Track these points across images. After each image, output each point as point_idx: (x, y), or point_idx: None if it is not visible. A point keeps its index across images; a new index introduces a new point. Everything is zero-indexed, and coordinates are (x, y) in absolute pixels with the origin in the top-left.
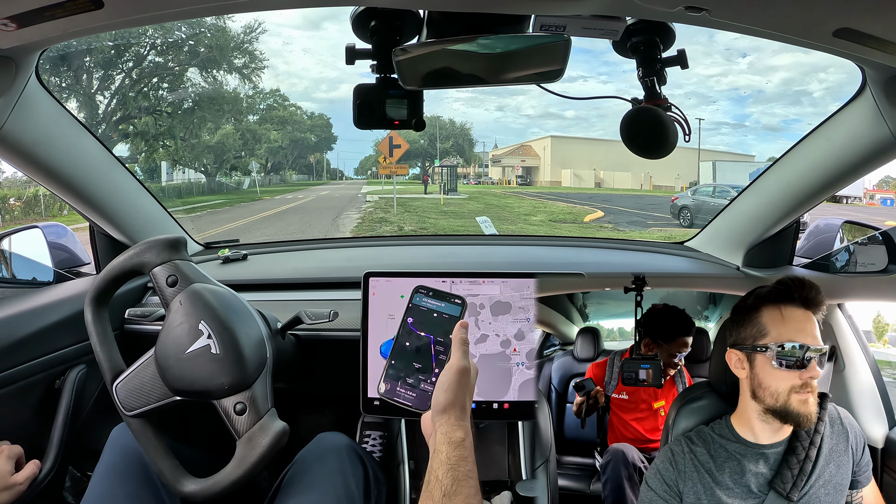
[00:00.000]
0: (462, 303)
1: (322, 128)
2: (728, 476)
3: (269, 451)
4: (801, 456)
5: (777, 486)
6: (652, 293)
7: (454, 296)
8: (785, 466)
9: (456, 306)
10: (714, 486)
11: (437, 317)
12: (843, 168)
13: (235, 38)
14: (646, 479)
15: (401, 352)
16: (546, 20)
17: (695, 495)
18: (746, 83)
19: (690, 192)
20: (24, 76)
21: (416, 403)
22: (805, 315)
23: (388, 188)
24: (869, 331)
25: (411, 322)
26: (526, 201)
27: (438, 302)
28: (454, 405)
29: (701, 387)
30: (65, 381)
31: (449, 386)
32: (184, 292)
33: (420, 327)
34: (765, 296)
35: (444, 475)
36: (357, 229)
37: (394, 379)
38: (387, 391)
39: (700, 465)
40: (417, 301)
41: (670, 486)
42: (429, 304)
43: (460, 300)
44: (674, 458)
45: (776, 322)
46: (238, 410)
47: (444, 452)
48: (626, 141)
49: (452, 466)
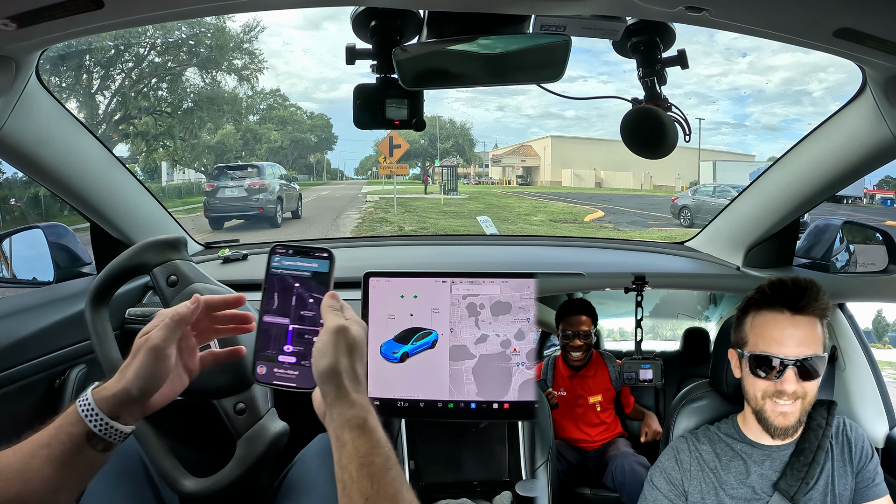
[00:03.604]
0: (329, 256)
1: (322, 128)
2: (733, 476)
3: (268, 451)
4: (809, 459)
5: (782, 487)
6: (652, 293)
7: (319, 249)
8: (791, 469)
9: (323, 261)
10: (718, 486)
11: (303, 278)
12: (843, 168)
13: (235, 38)
14: (650, 477)
15: (268, 327)
16: (546, 20)
17: (699, 494)
18: (746, 83)
19: (690, 192)
20: (24, 76)
21: (299, 382)
22: (790, 320)
23: (389, 188)
24: (869, 331)
25: (274, 290)
26: (526, 201)
27: (301, 261)
28: (336, 371)
29: (701, 387)
30: (65, 381)
31: (325, 348)
32: (184, 292)
33: (284, 295)
34: (748, 301)
35: (357, 473)
36: (357, 229)
37: (268, 359)
38: (264, 375)
39: (705, 464)
40: (276, 265)
41: (675, 486)
42: (290, 266)
43: (327, 253)
44: (679, 457)
45: (754, 329)
46: (238, 410)
47: (349, 443)
48: (627, 141)
49: (364, 462)
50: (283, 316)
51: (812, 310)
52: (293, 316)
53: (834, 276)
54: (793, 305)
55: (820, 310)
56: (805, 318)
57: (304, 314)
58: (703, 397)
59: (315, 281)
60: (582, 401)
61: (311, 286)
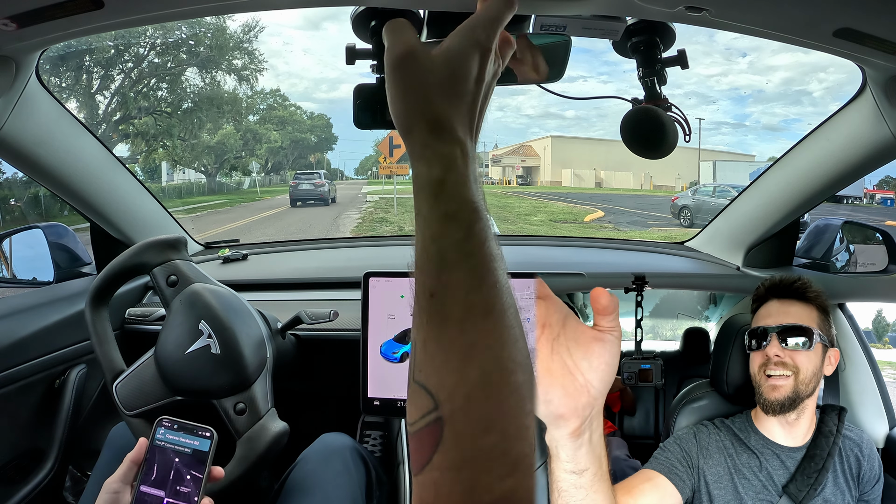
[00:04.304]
0: (211, 435)
1: (322, 128)
2: (746, 468)
3: (268, 451)
4: (819, 466)
5: (791, 491)
6: (652, 293)
7: (202, 427)
8: (801, 473)
9: (205, 440)
10: (734, 473)
11: (183, 454)
12: (843, 168)
13: (235, 38)
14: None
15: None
16: (546, 20)
17: (715, 476)
18: (746, 83)
19: (691, 192)
20: (24, 76)
21: None
22: (780, 303)
23: (389, 188)
24: (869, 331)
25: (154, 461)
26: (526, 201)
27: (184, 437)
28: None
29: (701, 387)
30: (65, 381)
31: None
32: (184, 292)
33: (163, 468)
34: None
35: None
36: (357, 229)
37: None
38: None
39: (724, 449)
40: (160, 437)
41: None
42: (172, 440)
43: (209, 433)
44: (698, 434)
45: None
46: (238, 410)
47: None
48: (627, 141)
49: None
50: (160, 488)
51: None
52: (169, 489)
53: (834, 276)
54: (779, 293)
55: (810, 297)
56: (795, 302)
57: (181, 489)
58: (703, 397)
59: (194, 459)
60: None
61: (190, 463)
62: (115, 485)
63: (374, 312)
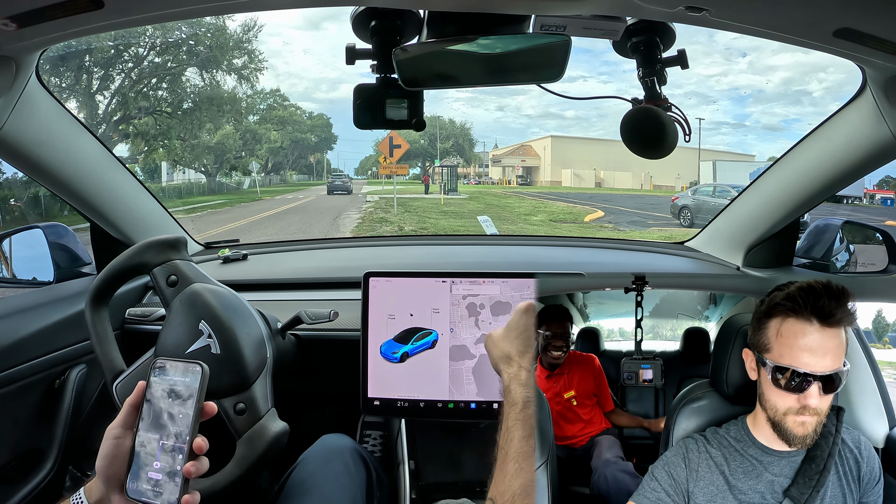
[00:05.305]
0: (201, 369)
1: (322, 128)
2: (742, 481)
3: (268, 452)
4: (820, 467)
5: (793, 494)
6: (652, 293)
7: (193, 362)
8: (802, 476)
9: (195, 375)
10: (728, 490)
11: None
12: (843, 168)
13: (235, 38)
14: (651, 470)
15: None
16: (546, 20)
17: (707, 496)
18: (746, 83)
19: (691, 192)
20: (24, 76)
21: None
22: (819, 331)
23: (389, 188)
24: (869, 331)
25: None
26: (526, 201)
27: (175, 376)
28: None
29: (701, 387)
30: (65, 381)
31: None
32: (184, 292)
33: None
34: (777, 304)
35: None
36: (357, 229)
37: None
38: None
39: (715, 467)
40: (156, 378)
41: (677, 483)
42: (165, 381)
43: (199, 366)
44: (687, 455)
45: (781, 338)
46: (238, 410)
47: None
48: (627, 141)
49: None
50: (156, 432)
51: (844, 320)
52: (163, 431)
53: (833, 276)
54: (825, 317)
55: (851, 319)
56: (835, 330)
57: (172, 430)
58: (703, 397)
59: (186, 397)
60: (559, 398)
61: (181, 402)
62: (117, 430)
63: (374, 312)
